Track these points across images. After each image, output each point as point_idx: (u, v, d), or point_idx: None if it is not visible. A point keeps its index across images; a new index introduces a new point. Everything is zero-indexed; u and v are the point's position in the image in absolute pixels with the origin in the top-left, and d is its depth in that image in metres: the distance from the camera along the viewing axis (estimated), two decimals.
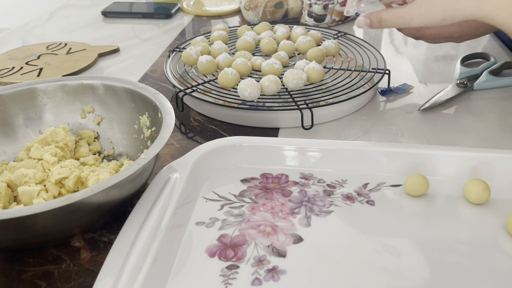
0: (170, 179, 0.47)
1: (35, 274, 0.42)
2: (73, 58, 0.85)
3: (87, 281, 0.41)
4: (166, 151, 0.59)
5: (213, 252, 0.42)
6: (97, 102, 0.57)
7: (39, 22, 1.10)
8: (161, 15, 1.09)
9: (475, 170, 0.50)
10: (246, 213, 0.47)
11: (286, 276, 0.40)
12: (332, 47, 0.72)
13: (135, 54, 0.89)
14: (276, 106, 0.62)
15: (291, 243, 0.43)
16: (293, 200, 0.48)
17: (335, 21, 0.99)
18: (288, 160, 0.53)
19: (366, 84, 0.67)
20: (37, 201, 0.44)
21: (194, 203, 0.48)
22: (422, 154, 0.51)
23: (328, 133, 0.62)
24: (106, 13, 1.11)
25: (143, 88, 0.53)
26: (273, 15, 1.03)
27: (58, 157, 0.50)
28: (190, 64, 0.71)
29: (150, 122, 0.52)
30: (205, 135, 0.62)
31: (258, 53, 0.75)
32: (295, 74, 0.62)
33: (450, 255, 0.41)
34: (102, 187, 0.38)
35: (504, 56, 0.83)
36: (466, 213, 0.46)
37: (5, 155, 0.54)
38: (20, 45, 0.95)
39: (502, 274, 0.39)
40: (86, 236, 0.45)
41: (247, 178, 0.52)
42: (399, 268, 0.40)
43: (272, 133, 0.62)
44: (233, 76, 0.63)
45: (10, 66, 0.83)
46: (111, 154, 0.57)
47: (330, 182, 0.51)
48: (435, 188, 0.49)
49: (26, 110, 0.55)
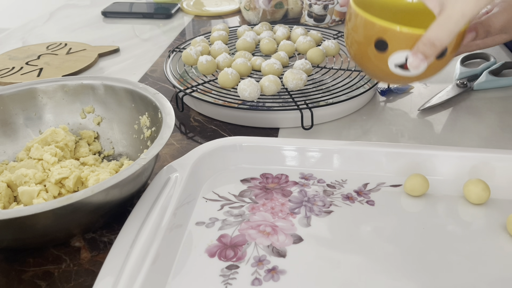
0: (170, 179, 0.47)
1: (35, 274, 0.42)
2: (73, 58, 0.85)
3: (87, 281, 0.41)
4: (166, 151, 0.59)
5: (213, 252, 0.42)
6: (97, 102, 0.57)
7: (39, 22, 1.10)
8: (161, 15, 1.09)
9: (475, 170, 0.50)
10: (246, 213, 0.47)
11: (286, 276, 0.40)
12: (332, 47, 0.72)
13: (135, 54, 0.89)
14: (276, 106, 0.62)
15: (291, 243, 0.43)
16: (293, 200, 0.48)
17: (335, 21, 0.99)
18: (288, 160, 0.53)
19: (366, 84, 0.67)
20: (37, 201, 0.44)
21: (194, 203, 0.48)
22: (422, 154, 0.51)
23: (328, 133, 0.62)
24: (106, 13, 1.11)
25: (143, 88, 0.53)
26: (273, 15, 1.03)
27: (58, 157, 0.50)
28: (190, 64, 0.71)
29: (150, 122, 0.52)
30: (205, 135, 0.62)
31: (258, 53, 0.75)
32: (295, 74, 0.63)
33: (450, 255, 0.41)
34: (102, 187, 0.38)
35: (504, 56, 0.83)
36: (466, 213, 0.46)
37: (5, 155, 0.54)
38: (20, 45, 0.95)
39: (502, 274, 0.39)
40: (86, 236, 0.45)
41: (247, 178, 0.52)
42: (399, 268, 0.40)
43: (272, 133, 0.62)
44: (233, 76, 0.63)
45: (10, 66, 0.83)
46: (111, 154, 0.57)
47: (330, 182, 0.51)
48: (435, 188, 0.49)
49: (26, 110, 0.55)
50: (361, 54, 0.51)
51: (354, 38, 0.50)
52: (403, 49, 0.47)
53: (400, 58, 0.47)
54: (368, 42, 0.48)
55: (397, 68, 0.48)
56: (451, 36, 0.45)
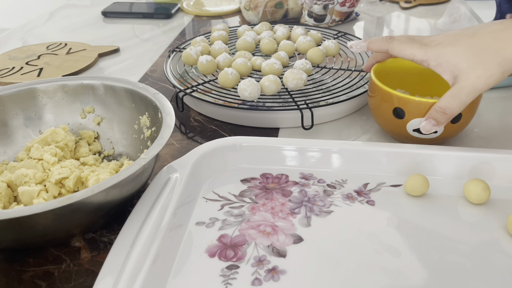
0: (170, 179, 0.47)
1: (35, 274, 0.42)
2: (73, 58, 0.85)
3: (87, 281, 0.41)
4: (166, 151, 0.59)
5: (213, 252, 0.42)
6: (97, 102, 0.57)
7: (39, 22, 1.10)
8: (161, 15, 1.09)
9: (475, 170, 0.50)
10: (246, 213, 0.47)
11: (286, 276, 0.40)
12: (332, 47, 0.72)
13: (135, 54, 0.89)
14: (276, 106, 0.62)
15: (291, 243, 0.43)
16: (293, 200, 0.48)
17: (335, 21, 0.99)
18: (288, 160, 0.53)
19: (366, 84, 0.67)
20: (37, 201, 0.44)
21: (194, 203, 0.48)
22: (422, 154, 0.51)
23: (328, 133, 0.62)
24: (106, 13, 1.11)
25: (143, 88, 0.53)
26: (273, 15, 1.03)
27: (58, 157, 0.50)
28: (190, 64, 0.71)
29: (150, 122, 0.52)
30: (205, 135, 0.62)
31: (258, 53, 0.75)
32: (295, 74, 0.63)
33: (450, 255, 0.41)
34: (102, 187, 0.38)
35: None
36: (466, 213, 0.46)
37: (5, 155, 0.54)
38: (20, 45, 0.95)
39: (502, 274, 0.39)
40: (86, 236, 0.45)
41: (247, 178, 0.52)
42: (399, 268, 0.40)
43: (272, 133, 0.62)
44: (233, 76, 0.63)
45: (10, 66, 0.83)
46: (111, 154, 0.57)
47: (330, 182, 0.51)
48: (435, 188, 0.49)
49: (26, 110, 0.55)
50: (383, 120, 0.57)
51: (375, 105, 0.57)
52: (419, 117, 0.52)
53: (417, 124, 0.53)
54: (387, 110, 0.54)
55: (415, 132, 0.53)
56: (461, 107, 0.48)
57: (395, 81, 0.60)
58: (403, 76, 0.61)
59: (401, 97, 0.52)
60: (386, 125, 0.57)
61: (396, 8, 1.14)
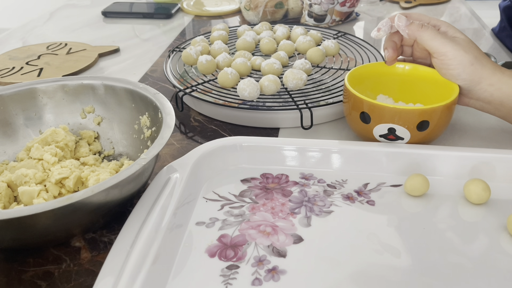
0: (170, 179, 0.47)
1: (35, 274, 0.42)
2: (73, 58, 0.85)
3: (87, 281, 0.41)
4: (166, 151, 0.59)
5: (213, 252, 0.42)
6: (97, 102, 0.57)
7: (39, 22, 1.10)
8: (161, 15, 1.09)
9: (475, 170, 0.50)
10: (246, 213, 0.47)
11: (286, 276, 0.40)
12: (332, 47, 0.72)
13: (135, 54, 0.89)
14: (276, 106, 0.62)
15: (291, 243, 0.43)
16: (293, 200, 0.48)
17: (335, 21, 0.99)
18: (288, 160, 0.53)
19: None
20: (37, 201, 0.44)
21: (194, 203, 0.48)
22: (422, 154, 0.51)
23: (328, 133, 0.62)
24: (106, 13, 1.11)
25: (143, 88, 0.53)
26: (273, 15, 1.03)
27: (58, 157, 0.50)
28: (190, 64, 0.71)
29: (150, 122, 0.52)
30: (205, 135, 0.62)
31: (258, 53, 0.75)
32: (295, 74, 0.63)
33: (450, 255, 0.41)
34: (102, 187, 0.38)
35: (504, 56, 0.83)
36: (466, 213, 0.46)
37: (5, 155, 0.54)
38: (20, 45, 0.95)
39: (502, 274, 0.39)
40: (86, 236, 0.45)
41: (247, 178, 0.52)
42: (399, 268, 0.40)
43: (272, 133, 0.62)
44: (233, 76, 0.63)
45: (10, 66, 0.83)
46: (111, 154, 0.57)
47: (330, 182, 0.51)
48: (435, 188, 0.49)
49: (26, 110, 0.55)
50: (354, 124, 0.56)
51: (348, 111, 0.56)
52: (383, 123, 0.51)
53: (382, 130, 0.52)
54: (356, 115, 0.54)
55: (382, 138, 0.53)
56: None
57: (380, 86, 0.60)
58: (388, 82, 0.60)
59: (366, 101, 0.51)
60: (356, 130, 0.56)
61: (396, 8, 1.14)
